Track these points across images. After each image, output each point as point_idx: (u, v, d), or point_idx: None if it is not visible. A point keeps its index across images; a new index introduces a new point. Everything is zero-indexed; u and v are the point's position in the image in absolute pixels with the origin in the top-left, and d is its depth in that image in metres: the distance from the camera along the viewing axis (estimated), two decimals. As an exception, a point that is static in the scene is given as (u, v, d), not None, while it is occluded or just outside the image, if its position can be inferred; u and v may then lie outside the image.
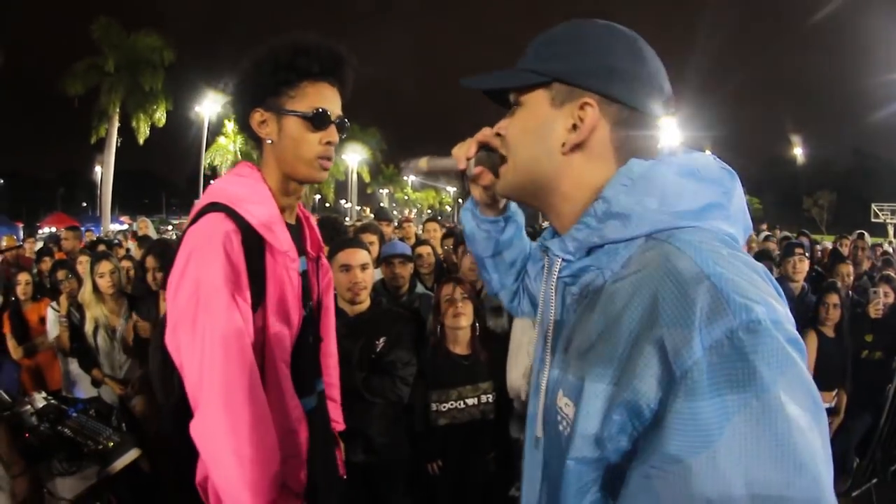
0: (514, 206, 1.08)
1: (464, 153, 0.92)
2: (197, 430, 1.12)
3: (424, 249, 3.65)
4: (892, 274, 3.98)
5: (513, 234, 1.08)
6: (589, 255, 0.71)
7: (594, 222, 0.69)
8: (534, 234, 1.30)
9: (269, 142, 1.28)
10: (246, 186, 1.27)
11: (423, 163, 1.06)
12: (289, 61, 1.24)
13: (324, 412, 1.55)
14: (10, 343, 4.04)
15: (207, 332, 1.11)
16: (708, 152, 0.77)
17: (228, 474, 1.12)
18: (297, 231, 1.41)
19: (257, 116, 1.28)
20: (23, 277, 4.15)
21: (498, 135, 0.84)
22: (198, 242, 1.16)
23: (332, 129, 1.29)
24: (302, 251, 1.41)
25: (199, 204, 1.26)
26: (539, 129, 0.75)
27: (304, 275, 1.41)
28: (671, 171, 0.68)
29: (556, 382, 0.72)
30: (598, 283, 0.69)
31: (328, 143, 1.28)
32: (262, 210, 1.23)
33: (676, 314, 0.56)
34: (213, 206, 1.21)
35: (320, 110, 1.26)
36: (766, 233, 9.45)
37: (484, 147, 0.90)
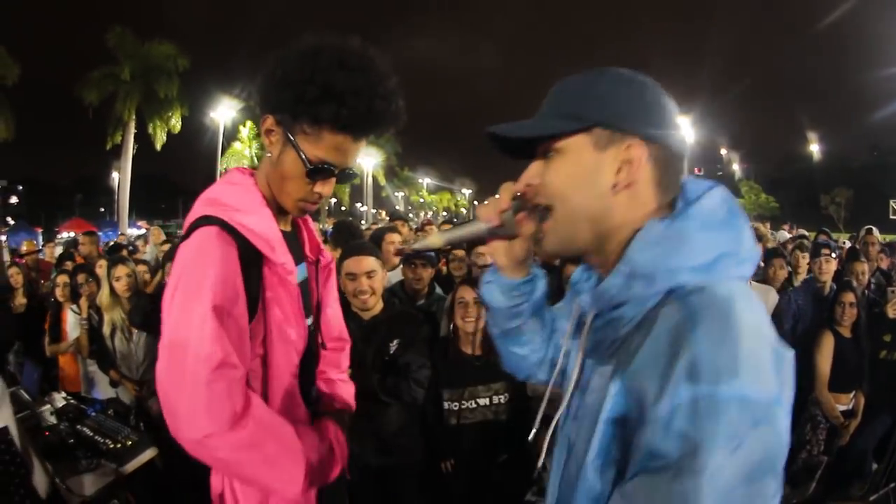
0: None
1: (492, 211, 0.89)
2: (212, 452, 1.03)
3: (459, 252, 3.78)
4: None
5: (544, 289, 1.03)
6: (617, 307, 0.77)
7: (621, 281, 0.74)
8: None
9: (269, 154, 1.18)
10: (238, 195, 1.18)
11: (436, 239, 0.94)
12: (314, 101, 1.06)
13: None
14: (47, 342, 4.15)
15: (202, 364, 1.00)
16: (704, 183, 0.79)
17: (267, 472, 1.08)
18: (293, 236, 1.33)
19: (268, 122, 1.15)
20: (61, 279, 4.21)
21: (527, 185, 0.84)
22: (191, 261, 1.07)
23: (330, 182, 1.18)
24: (301, 257, 1.35)
25: (191, 216, 1.16)
26: (587, 173, 0.77)
27: (305, 282, 1.34)
28: (684, 226, 0.73)
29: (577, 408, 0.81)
30: (625, 331, 0.75)
31: (319, 193, 1.18)
32: (256, 221, 1.14)
33: (663, 366, 0.63)
34: (206, 220, 1.12)
35: (324, 166, 1.13)
36: (783, 231, 9.33)
37: (514, 199, 0.87)
